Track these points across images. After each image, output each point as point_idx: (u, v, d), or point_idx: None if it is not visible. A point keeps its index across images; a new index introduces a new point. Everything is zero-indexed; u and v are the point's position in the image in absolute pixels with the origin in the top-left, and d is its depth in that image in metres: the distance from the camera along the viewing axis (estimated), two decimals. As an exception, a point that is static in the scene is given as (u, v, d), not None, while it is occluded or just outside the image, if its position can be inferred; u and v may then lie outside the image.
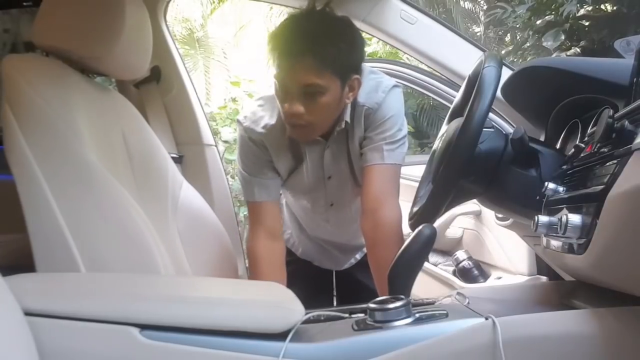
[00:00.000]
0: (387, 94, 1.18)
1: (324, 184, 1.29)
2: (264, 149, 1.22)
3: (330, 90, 1.08)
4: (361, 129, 1.20)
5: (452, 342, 0.73)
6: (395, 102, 1.21)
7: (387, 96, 1.19)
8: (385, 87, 1.19)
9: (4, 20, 1.82)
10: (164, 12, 1.63)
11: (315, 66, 1.04)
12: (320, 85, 1.06)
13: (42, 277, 0.89)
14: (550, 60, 1.13)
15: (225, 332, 0.73)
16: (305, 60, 1.04)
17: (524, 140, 0.95)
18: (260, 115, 1.21)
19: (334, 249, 1.50)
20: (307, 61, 1.04)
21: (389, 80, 1.22)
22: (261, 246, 1.23)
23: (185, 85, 1.65)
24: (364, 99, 1.18)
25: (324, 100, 1.08)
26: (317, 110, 1.09)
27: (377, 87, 1.19)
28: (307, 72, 1.05)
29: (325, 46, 1.04)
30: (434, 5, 7.08)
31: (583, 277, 0.83)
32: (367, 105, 1.18)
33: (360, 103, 1.18)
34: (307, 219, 1.45)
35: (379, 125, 1.19)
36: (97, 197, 0.95)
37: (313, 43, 1.04)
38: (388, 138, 1.18)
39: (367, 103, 1.17)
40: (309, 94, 1.07)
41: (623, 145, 0.68)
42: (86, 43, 1.04)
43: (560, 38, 4.77)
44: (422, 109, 6.45)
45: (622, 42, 0.99)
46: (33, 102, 0.94)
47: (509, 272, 1.72)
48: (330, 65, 1.05)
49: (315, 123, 1.12)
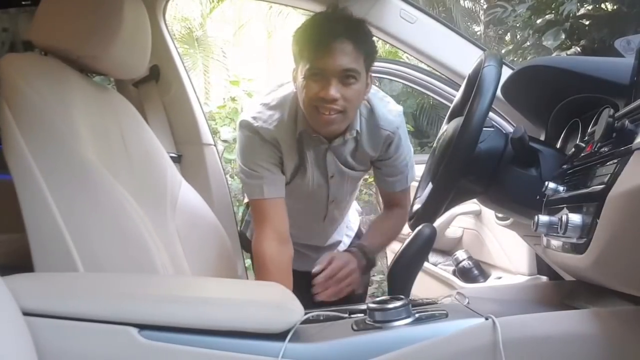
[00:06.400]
0: (400, 118, 1.29)
1: (327, 183, 1.32)
2: (276, 146, 1.23)
3: (361, 78, 1.14)
4: (376, 151, 1.29)
5: (452, 342, 0.73)
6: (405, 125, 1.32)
7: (402, 120, 1.30)
8: (397, 111, 1.29)
9: (2, 19, 1.82)
10: (163, 11, 1.63)
11: (354, 50, 1.11)
12: (356, 70, 1.12)
13: (40, 277, 0.89)
14: (550, 60, 1.13)
15: (225, 332, 0.73)
16: (345, 44, 1.09)
17: (524, 139, 0.95)
18: (269, 114, 1.23)
19: (311, 252, 1.50)
20: (346, 45, 1.10)
21: (394, 102, 1.31)
22: (270, 250, 1.22)
23: (184, 85, 1.65)
24: (382, 121, 1.26)
25: (357, 87, 1.14)
26: (351, 97, 1.13)
27: (390, 109, 1.28)
28: (347, 55, 1.10)
29: (360, 33, 1.12)
30: (433, 4, 7.07)
31: (583, 277, 0.82)
32: (388, 131, 1.26)
33: (380, 125, 1.25)
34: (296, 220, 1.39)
35: (400, 154, 1.31)
36: (95, 196, 0.95)
37: (350, 29, 1.11)
38: (408, 161, 1.34)
39: (388, 128, 1.26)
40: (345, 79, 1.11)
41: (623, 145, 0.68)
42: (84, 42, 1.03)
43: (560, 37, 4.76)
44: (422, 109, 6.44)
45: (623, 41, 0.99)
46: (31, 102, 0.94)
47: (509, 272, 1.72)
48: (364, 52, 1.12)
49: (348, 110, 1.16)
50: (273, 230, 1.23)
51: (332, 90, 1.10)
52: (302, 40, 1.14)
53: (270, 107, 1.23)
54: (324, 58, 1.10)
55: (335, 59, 1.10)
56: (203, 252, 1.28)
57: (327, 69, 1.10)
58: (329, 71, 1.10)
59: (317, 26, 1.14)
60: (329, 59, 1.10)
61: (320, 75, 1.11)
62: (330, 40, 1.09)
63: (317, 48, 1.11)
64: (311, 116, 1.17)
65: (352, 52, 1.10)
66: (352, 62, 1.11)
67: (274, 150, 1.24)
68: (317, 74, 1.11)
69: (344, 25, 1.12)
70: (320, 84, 1.11)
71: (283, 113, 1.22)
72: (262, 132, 1.21)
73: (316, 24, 1.15)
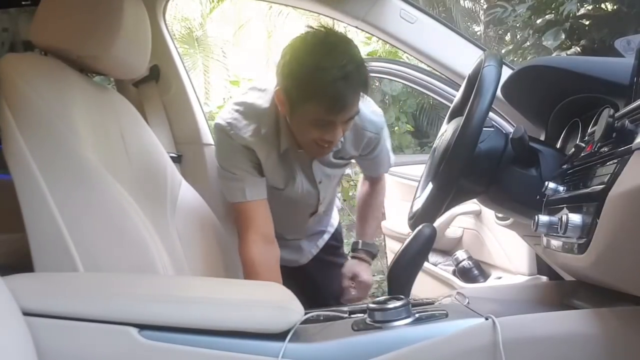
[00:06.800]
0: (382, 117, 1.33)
1: (317, 188, 1.34)
2: (252, 152, 1.22)
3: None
4: (359, 150, 1.32)
5: (452, 342, 0.73)
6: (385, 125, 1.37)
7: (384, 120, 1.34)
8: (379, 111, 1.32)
9: (2, 20, 1.82)
10: (163, 11, 1.63)
11: (358, 99, 1.11)
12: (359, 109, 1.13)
13: (40, 277, 0.89)
14: (550, 60, 1.13)
15: (225, 332, 0.73)
16: (353, 102, 1.09)
17: (524, 139, 0.95)
18: (244, 123, 1.20)
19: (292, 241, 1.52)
20: (357, 97, 1.09)
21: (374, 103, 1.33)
22: (257, 253, 1.22)
23: (184, 85, 1.65)
24: (367, 124, 1.27)
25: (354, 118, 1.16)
26: (348, 129, 1.17)
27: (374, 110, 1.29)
28: (356, 104, 1.11)
29: (364, 74, 1.08)
30: (433, 4, 7.07)
31: (583, 277, 0.82)
32: (372, 133, 1.29)
33: (365, 128, 1.27)
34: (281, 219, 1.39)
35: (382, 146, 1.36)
36: (95, 196, 0.95)
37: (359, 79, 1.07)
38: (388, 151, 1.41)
39: (372, 130, 1.29)
40: (351, 119, 1.13)
41: (623, 145, 0.68)
42: (84, 42, 1.03)
43: (560, 37, 4.77)
44: (422, 109, 6.44)
45: (623, 41, 0.99)
46: (31, 102, 0.94)
47: (509, 272, 1.72)
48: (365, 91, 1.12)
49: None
50: (258, 233, 1.23)
51: (338, 135, 1.12)
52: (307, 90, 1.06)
53: (246, 117, 1.21)
54: (336, 113, 1.08)
55: (347, 113, 1.09)
56: (202, 252, 1.28)
57: (337, 121, 1.10)
58: (338, 122, 1.10)
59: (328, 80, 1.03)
60: (340, 114, 1.09)
61: (327, 124, 1.10)
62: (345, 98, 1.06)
63: (329, 106, 1.06)
64: (308, 149, 1.19)
65: (357, 101, 1.11)
66: (357, 108, 1.12)
67: (251, 154, 1.22)
68: (324, 124, 1.10)
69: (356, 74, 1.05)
70: (326, 129, 1.11)
71: (259, 125, 1.20)
72: (236, 139, 1.20)
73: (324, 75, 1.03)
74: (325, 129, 1.11)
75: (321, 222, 1.55)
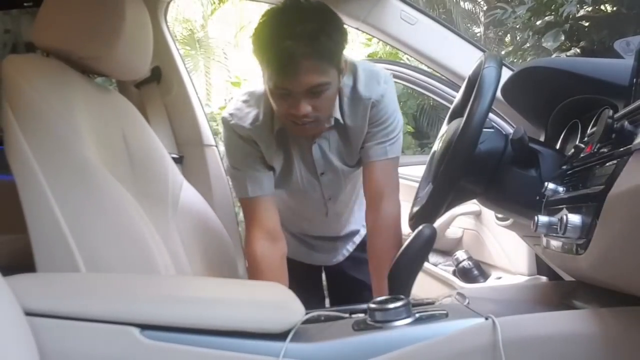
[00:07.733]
0: (388, 84, 1.18)
1: (318, 180, 1.28)
2: (254, 144, 1.20)
3: (333, 82, 1.06)
4: (365, 122, 1.17)
5: (452, 342, 0.73)
6: (395, 94, 1.20)
7: (389, 87, 1.18)
8: (384, 77, 1.18)
9: (4, 21, 1.83)
10: (165, 12, 1.63)
11: (320, 66, 1.01)
12: (326, 82, 1.04)
13: (42, 277, 0.89)
14: (550, 61, 1.14)
15: (226, 332, 0.73)
16: (309, 63, 1.00)
17: (524, 140, 0.95)
18: (246, 111, 1.18)
19: (326, 242, 1.49)
20: (311, 64, 1.00)
21: (383, 70, 1.21)
22: (261, 249, 1.20)
23: (186, 86, 1.65)
24: (366, 90, 1.15)
25: (329, 93, 1.06)
26: (323, 104, 1.08)
27: (375, 77, 1.17)
28: (313, 73, 1.01)
29: (324, 42, 1.00)
30: (434, 5, 7.08)
31: (583, 277, 0.83)
32: (372, 98, 1.15)
33: (363, 96, 1.15)
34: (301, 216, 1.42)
35: (383, 121, 1.18)
36: (97, 197, 0.95)
37: (312, 43, 0.99)
38: (390, 133, 1.19)
39: (371, 95, 1.15)
40: (314, 93, 1.04)
41: (623, 146, 0.68)
42: (86, 43, 1.04)
43: (560, 38, 4.77)
44: (422, 110, 6.45)
45: (622, 43, 0.99)
46: (33, 103, 0.94)
47: (509, 272, 1.72)
48: (331, 61, 1.03)
49: (322, 116, 1.10)
50: (262, 229, 1.21)
51: (302, 108, 1.04)
52: (261, 54, 1.03)
53: (248, 104, 1.18)
54: (286, 79, 1.01)
55: (301, 80, 1.01)
56: (204, 253, 1.28)
57: (292, 90, 1.03)
58: (295, 92, 1.03)
59: (275, 42, 1.00)
60: (293, 81, 1.01)
61: (286, 94, 1.04)
62: (290, 63, 0.98)
63: (278, 71, 1.01)
64: (287, 126, 1.14)
65: (318, 67, 1.01)
66: (319, 77, 1.02)
67: (253, 147, 1.19)
68: (284, 93, 1.04)
69: (308, 36, 0.98)
70: (288, 101, 1.05)
71: (259, 111, 1.17)
72: (237, 130, 1.18)
73: (273, 37, 1.01)
74: (288, 101, 1.05)
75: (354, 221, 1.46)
